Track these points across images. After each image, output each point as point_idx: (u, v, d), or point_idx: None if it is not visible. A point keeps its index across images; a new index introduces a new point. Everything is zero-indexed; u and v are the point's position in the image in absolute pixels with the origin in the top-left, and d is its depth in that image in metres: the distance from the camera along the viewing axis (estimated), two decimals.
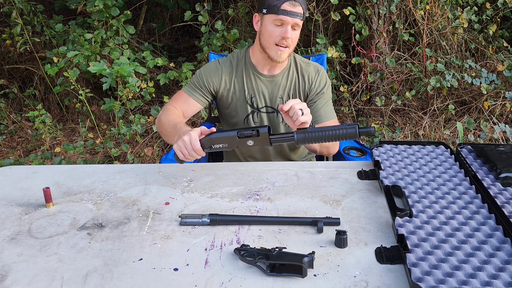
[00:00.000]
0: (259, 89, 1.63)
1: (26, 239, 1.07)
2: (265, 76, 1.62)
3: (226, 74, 1.63)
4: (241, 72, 1.63)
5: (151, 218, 1.15)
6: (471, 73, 3.39)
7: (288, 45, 1.50)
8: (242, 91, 1.63)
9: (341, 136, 1.16)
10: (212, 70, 1.63)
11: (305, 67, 1.64)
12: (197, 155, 1.27)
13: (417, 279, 0.84)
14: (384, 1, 3.44)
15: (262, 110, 1.65)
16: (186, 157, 1.30)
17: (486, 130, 3.11)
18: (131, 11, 3.44)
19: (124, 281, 0.91)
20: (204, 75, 1.62)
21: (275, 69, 1.62)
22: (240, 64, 1.63)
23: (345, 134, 1.16)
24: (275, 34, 1.48)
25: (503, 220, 1.01)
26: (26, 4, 3.48)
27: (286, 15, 1.44)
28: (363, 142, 3.30)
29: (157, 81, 3.31)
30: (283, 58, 1.53)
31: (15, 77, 4.13)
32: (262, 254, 0.93)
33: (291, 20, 1.45)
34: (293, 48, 1.54)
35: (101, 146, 3.19)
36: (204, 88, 1.62)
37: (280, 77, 1.63)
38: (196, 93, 1.62)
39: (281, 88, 1.63)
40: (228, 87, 1.63)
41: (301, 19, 1.46)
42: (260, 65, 1.62)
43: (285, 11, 1.43)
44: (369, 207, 1.16)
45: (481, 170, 1.29)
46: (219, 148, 1.28)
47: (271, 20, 1.47)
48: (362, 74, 3.58)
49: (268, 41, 1.51)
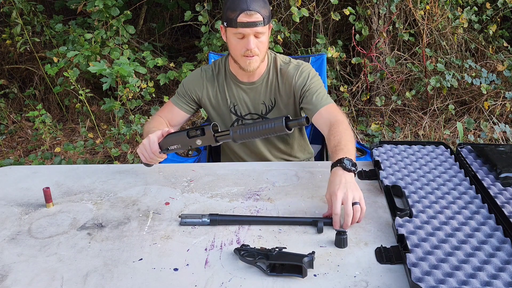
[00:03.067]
0: (240, 97, 1.62)
1: (26, 239, 1.07)
2: (245, 84, 1.60)
3: (208, 83, 1.62)
4: (222, 81, 1.62)
5: (151, 218, 1.15)
6: (471, 73, 3.39)
7: (255, 54, 1.46)
8: (224, 99, 1.62)
9: (270, 131, 1.16)
10: (196, 79, 1.64)
11: (284, 68, 1.60)
12: (157, 157, 1.32)
13: (417, 279, 0.84)
14: (384, 1, 3.44)
15: (246, 118, 1.64)
16: (148, 160, 1.34)
17: (486, 130, 3.11)
18: (131, 11, 3.44)
19: (124, 281, 0.91)
20: (187, 84, 1.64)
21: (254, 76, 1.59)
22: (221, 73, 1.63)
23: (274, 128, 1.16)
24: (239, 47, 1.45)
25: (503, 220, 1.01)
26: (26, 4, 3.48)
27: (244, 27, 1.40)
28: (363, 142, 3.30)
29: (157, 81, 3.31)
30: (253, 66, 1.49)
31: (15, 77, 4.13)
32: (262, 254, 0.93)
33: (251, 30, 1.41)
34: (263, 53, 1.50)
35: (101, 146, 3.19)
36: (187, 97, 1.63)
37: (259, 84, 1.60)
38: (180, 102, 1.64)
39: (262, 94, 1.61)
40: (212, 96, 1.63)
41: (262, 25, 1.42)
42: (238, 74, 1.60)
43: (242, 23, 1.39)
44: (369, 207, 1.15)
45: (481, 170, 1.29)
46: (175, 149, 1.31)
47: (232, 33, 1.44)
48: (362, 74, 3.58)
49: (235, 54, 1.49)
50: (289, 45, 3.58)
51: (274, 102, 1.61)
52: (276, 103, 1.61)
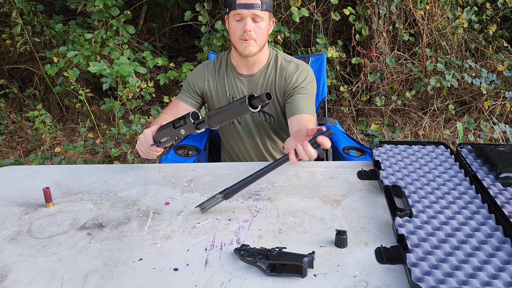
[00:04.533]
0: (238, 89, 1.66)
1: (26, 239, 1.07)
2: (244, 76, 1.65)
3: (210, 75, 1.68)
4: (223, 74, 1.67)
5: (151, 218, 1.15)
6: (471, 73, 3.39)
7: (251, 38, 1.51)
8: (223, 91, 1.67)
9: (237, 111, 1.19)
10: (198, 72, 1.70)
11: (285, 65, 1.64)
12: (152, 151, 1.38)
13: (417, 279, 0.84)
14: (384, 1, 3.44)
15: None
16: (145, 154, 1.41)
17: (486, 130, 3.11)
18: (131, 11, 3.44)
19: (124, 281, 0.91)
20: (190, 77, 1.70)
21: (253, 68, 1.63)
22: (222, 66, 1.68)
23: (239, 108, 1.18)
24: (237, 29, 1.51)
25: (503, 220, 1.01)
26: (26, 4, 3.48)
27: (242, 8, 1.47)
28: (363, 142, 3.30)
29: (157, 81, 3.31)
30: (250, 50, 1.53)
31: (15, 77, 4.13)
32: (262, 254, 0.93)
33: (248, 12, 1.47)
34: (261, 40, 1.54)
35: (101, 146, 3.19)
36: (191, 90, 1.69)
37: (258, 76, 1.65)
38: (184, 96, 1.69)
39: (259, 86, 1.65)
40: (212, 87, 1.68)
41: (260, 9, 1.47)
42: (239, 65, 1.65)
43: (240, 5, 1.47)
44: (369, 207, 1.16)
45: (481, 170, 1.29)
46: (166, 142, 1.36)
47: (232, 17, 1.51)
48: (362, 74, 3.58)
49: (233, 38, 1.54)
50: (289, 45, 3.58)
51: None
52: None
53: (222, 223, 1.11)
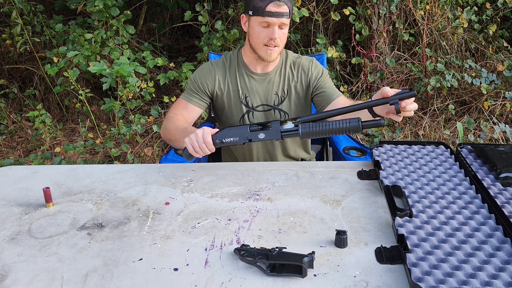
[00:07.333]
0: (253, 88, 1.64)
1: (26, 239, 1.07)
2: (258, 74, 1.64)
3: (219, 74, 1.64)
4: (234, 72, 1.64)
5: (151, 218, 1.15)
6: (471, 73, 3.39)
7: (277, 45, 1.51)
8: (236, 91, 1.64)
9: (344, 130, 1.18)
10: (206, 72, 1.64)
11: (298, 61, 1.66)
12: (207, 149, 1.29)
13: (417, 279, 0.84)
14: (384, 1, 3.44)
15: (258, 109, 1.65)
16: (196, 150, 1.30)
17: (486, 130, 3.11)
18: (131, 11, 3.44)
19: (124, 281, 0.91)
20: (198, 78, 1.63)
21: (268, 67, 1.63)
22: (233, 65, 1.65)
23: (349, 128, 1.17)
24: (262, 35, 1.49)
25: (503, 220, 1.01)
26: (26, 4, 3.48)
27: (271, 16, 1.45)
28: (363, 142, 3.30)
29: (157, 81, 3.31)
30: (273, 57, 1.54)
31: (15, 77, 4.13)
32: (262, 254, 0.93)
33: (277, 20, 1.46)
34: (283, 45, 1.56)
35: (101, 146, 3.19)
36: (200, 91, 1.63)
37: (273, 74, 1.64)
38: (193, 98, 1.63)
39: (275, 84, 1.64)
40: (222, 88, 1.64)
41: (287, 17, 1.48)
42: (252, 64, 1.63)
43: (270, 13, 1.44)
44: (369, 207, 1.16)
45: (481, 170, 1.29)
46: (230, 142, 1.31)
47: (257, 22, 1.48)
48: (362, 74, 3.58)
49: (257, 42, 1.52)
50: (289, 45, 3.58)
51: (286, 93, 1.65)
52: (288, 94, 1.65)
53: (222, 223, 1.11)
